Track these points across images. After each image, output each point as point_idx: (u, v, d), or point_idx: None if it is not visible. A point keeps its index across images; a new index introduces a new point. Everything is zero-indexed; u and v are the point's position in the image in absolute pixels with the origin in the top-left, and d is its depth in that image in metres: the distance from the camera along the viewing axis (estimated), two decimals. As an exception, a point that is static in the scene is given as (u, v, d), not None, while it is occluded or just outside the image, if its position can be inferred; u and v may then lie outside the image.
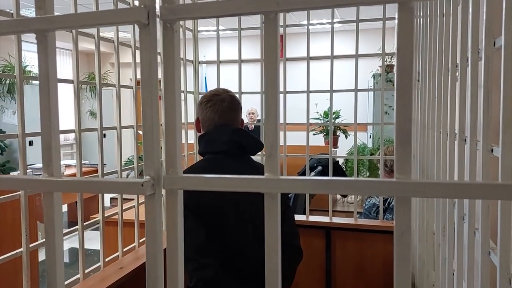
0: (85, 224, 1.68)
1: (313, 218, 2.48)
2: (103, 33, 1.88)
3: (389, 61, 5.10)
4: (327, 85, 2.38)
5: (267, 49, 0.41)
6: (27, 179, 0.45)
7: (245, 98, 2.46)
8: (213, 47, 2.52)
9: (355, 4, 0.39)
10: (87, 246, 4.57)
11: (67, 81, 1.66)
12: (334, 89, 2.40)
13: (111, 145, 1.84)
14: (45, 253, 0.46)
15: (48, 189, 0.43)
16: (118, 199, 1.89)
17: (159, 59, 0.42)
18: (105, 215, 1.80)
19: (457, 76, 0.98)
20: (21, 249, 1.45)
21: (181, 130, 0.42)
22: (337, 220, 2.47)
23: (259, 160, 2.02)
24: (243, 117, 1.70)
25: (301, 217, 2.45)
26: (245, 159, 1.61)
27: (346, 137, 5.35)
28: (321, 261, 2.42)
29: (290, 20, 2.70)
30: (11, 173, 6.00)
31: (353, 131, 2.48)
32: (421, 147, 1.74)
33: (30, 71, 6.39)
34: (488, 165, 0.74)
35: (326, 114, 5.54)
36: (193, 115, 2.37)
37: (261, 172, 0.42)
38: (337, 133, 5.39)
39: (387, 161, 2.58)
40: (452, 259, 1.03)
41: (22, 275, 1.45)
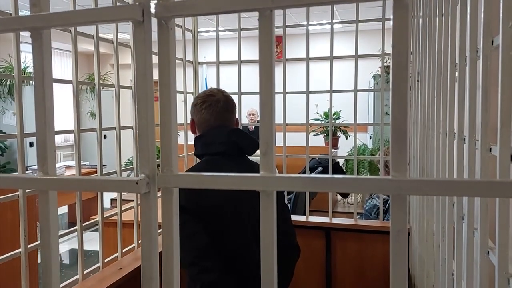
0: (84, 224, 1.68)
1: (313, 219, 2.47)
2: (103, 34, 1.88)
3: (389, 62, 5.10)
4: (327, 86, 2.38)
5: (262, 47, 0.41)
6: (21, 177, 0.45)
7: (245, 99, 2.46)
8: (214, 48, 2.52)
9: (350, 0, 0.38)
10: (88, 248, 4.59)
11: (66, 81, 1.65)
12: (334, 90, 2.40)
13: (112, 147, 1.84)
14: (40, 253, 0.46)
15: (43, 188, 0.43)
16: (118, 199, 1.89)
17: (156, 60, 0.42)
18: (104, 216, 1.80)
19: (456, 77, 0.98)
20: (20, 249, 1.44)
21: (177, 128, 0.42)
22: (337, 220, 2.46)
23: (258, 160, 2.01)
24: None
25: (301, 218, 2.45)
26: (242, 160, 1.60)
27: (347, 138, 5.34)
28: (321, 261, 2.42)
29: (290, 21, 2.70)
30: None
31: (353, 132, 2.48)
32: (421, 147, 1.74)
33: (30, 73, 6.40)
34: (487, 164, 0.74)
35: (327, 115, 5.54)
36: (193, 115, 2.38)
37: (258, 171, 0.42)
38: (338, 134, 5.39)
39: (387, 161, 2.57)
40: (452, 259, 1.03)
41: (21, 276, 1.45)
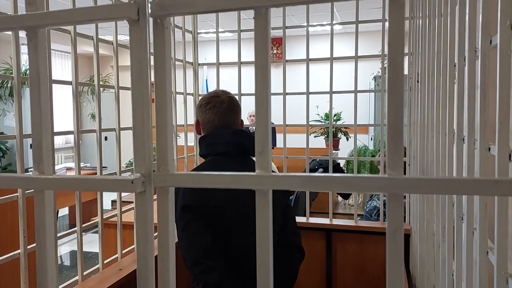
0: (84, 225, 1.68)
1: (314, 220, 2.47)
2: (104, 36, 1.88)
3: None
4: (328, 87, 2.38)
5: (258, 45, 0.41)
6: (16, 176, 0.44)
7: (245, 100, 2.46)
8: (214, 49, 2.52)
9: (345, -2, 0.38)
10: (89, 249, 4.58)
11: (65, 82, 1.65)
12: (335, 91, 2.40)
13: (113, 149, 1.84)
14: (36, 254, 0.45)
15: (38, 187, 0.43)
16: (117, 201, 1.89)
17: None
18: (104, 217, 1.80)
19: (455, 77, 0.98)
20: (19, 250, 1.44)
21: (172, 127, 0.42)
22: (337, 222, 2.46)
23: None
24: (244, 119, 1.70)
25: (301, 219, 2.45)
26: (247, 160, 1.61)
27: (347, 139, 5.34)
28: (322, 262, 2.41)
29: (290, 22, 2.70)
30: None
31: (354, 133, 2.47)
32: (421, 148, 1.74)
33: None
34: (486, 164, 0.74)
35: (327, 116, 5.54)
36: (193, 117, 2.37)
37: None
38: (338, 135, 5.39)
39: (387, 162, 2.56)
40: (452, 260, 1.03)
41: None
